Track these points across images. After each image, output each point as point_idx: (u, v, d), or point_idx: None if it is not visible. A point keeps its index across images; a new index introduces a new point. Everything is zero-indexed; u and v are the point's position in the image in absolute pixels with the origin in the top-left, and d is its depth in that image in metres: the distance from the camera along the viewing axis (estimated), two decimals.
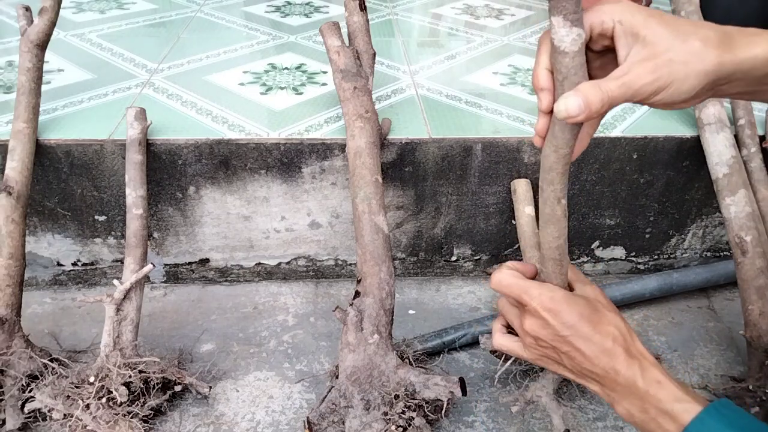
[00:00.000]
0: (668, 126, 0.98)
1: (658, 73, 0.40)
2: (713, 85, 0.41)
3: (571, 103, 0.41)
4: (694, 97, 0.41)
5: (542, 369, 0.80)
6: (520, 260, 1.08)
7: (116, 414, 0.71)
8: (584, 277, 0.56)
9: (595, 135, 0.95)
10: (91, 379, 0.73)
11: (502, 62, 1.24)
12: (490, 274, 0.63)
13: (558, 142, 0.45)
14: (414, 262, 1.07)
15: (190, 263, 1.03)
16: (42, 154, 0.90)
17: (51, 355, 0.80)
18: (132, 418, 0.72)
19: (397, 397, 0.70)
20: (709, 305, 1.04)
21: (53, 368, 0.75)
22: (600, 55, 0.44)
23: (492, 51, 1.30)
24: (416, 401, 0.70)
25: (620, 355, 0.48)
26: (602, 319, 0.50)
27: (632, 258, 1.10)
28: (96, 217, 0.97)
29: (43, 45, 0.89)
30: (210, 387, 0.81)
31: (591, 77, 0.42)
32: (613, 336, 0.49)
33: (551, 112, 0.44)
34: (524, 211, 0.94)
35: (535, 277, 0.55)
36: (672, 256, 1.10)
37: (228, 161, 0.93)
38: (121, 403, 0.72)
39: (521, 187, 0.95)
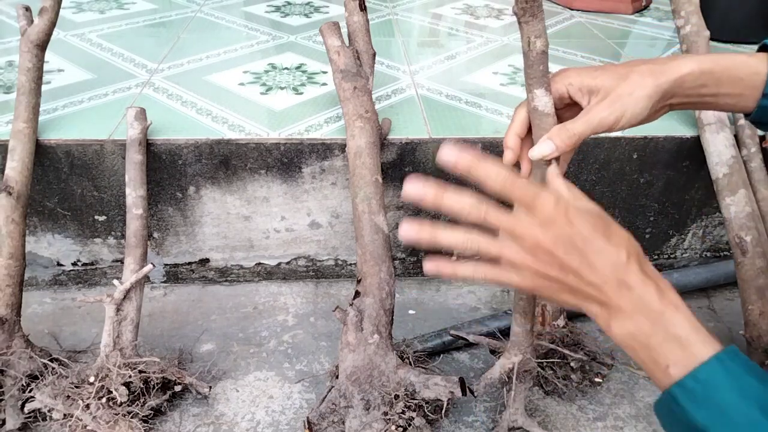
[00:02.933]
0: (668, 126, 0.98)
1: (613, 107, 0.52)
2: (659, 103, 0.53)
3: (544, 148, 0.54)
4: (649, 116, 0.54)
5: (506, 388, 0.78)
6: None
7: (116, 414, 0.71)
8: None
9: (596, 135, 0.95)
10: (91, 379, 0.73)
11: (502, 62, 1.24)
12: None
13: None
14: (414, 262, 1.07)
15: (190, 263, 1.03)
16: (42, 154, 0.90)
17: (51, 355, 0.80)
18: (132, 418, 0.72)
19: (397, 397, 0.70)
20: (709, 305, 1.04)
21: (53, 368, 0.75)
22: (567, 110, 0.58)
23: (492, 51, 1.30)
24: (416, 401, 0.70)
25: (634, 272, 0.43)
26: (615, 232, 0.45)
27: None
28: (96, 217, 0.97)
29: (43, 45, 0.89)
30: (210, 387, 0.81)
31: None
32: (627, 250, 0.44)
33: (513, 165, 0.58)
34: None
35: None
36: (672, 256, 1.10)
37: (228, 161, 0.93)
38: (121, 403, 0.72)
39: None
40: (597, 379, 0.83)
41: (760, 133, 0.95)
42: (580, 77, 0.54)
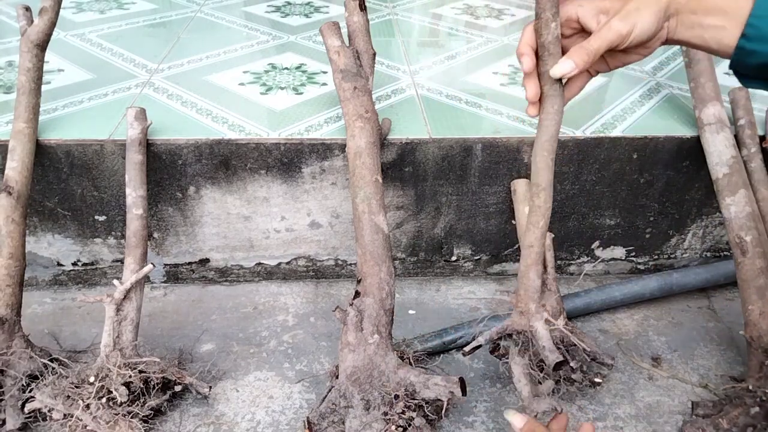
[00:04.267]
0: (668, 126, 0.98)
1: (625, 21, 0.54)
2: (662, 19, 0.55)
3: (565, 66, 0.57)
4: (655, 33, 0.55)
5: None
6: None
7: (116, 414, 0.71)
8: None
9: (595, 135, 0.95)
10: (91, 379, 0.73)
11: (502, 62, 1.24)
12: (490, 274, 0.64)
13: (550, 104, 0.62)
14: (414, 262, 1.07)
15: (190, 263, 1.03)
16: (42, 154, 0.90)
17: (51, 355, 0.80)
18: (132, 418, 0.72)
19: (397, 397, 0.69)
20: (709, 305, 1.04)
21: (53, 368, 0.75)
22: (571, 39, 0.61)
23: (492, 51, 1.30)
24: (416, 401, 0.70)
25: None
26: None
27: (632, 258, 1.10)
28: (96, 217, 0.97)
29: (43, 45, 0.89)
30: (210, 387, 0.81)
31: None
32: None
33: (532, 74, 0.61)
34: (524, 211, 0.94)
35: None
36: (672, 256, 1.10)
37: (228, 161, 0.93)
38: (121, 403, 0.72)
39: (521, 188, 0.95)
40: (597, 380, 0.83)
41: (760, 132, 0.95)
42: (591, 1, 0.58)
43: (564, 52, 0.60)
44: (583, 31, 0.59)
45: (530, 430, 0.62)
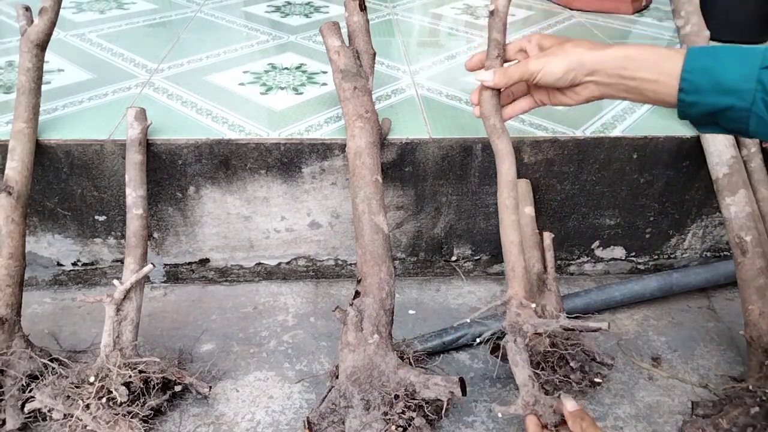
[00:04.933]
0: (668, 126, 0.98)
1: (538, 61, 0.64)
2: (578, 73, 0.62)
3: (485, 75, 0.70)
4: (562, 79, 0.63)
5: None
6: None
7: (116, 414, 0.71)
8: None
9: (595, 135, 0.95)
10: (91, 379, 0.73)
11: None
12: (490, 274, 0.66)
13: (484, 108, 0.73)
14: (414, 262, 1.07)
15: (190, 263, 1.03)
16: (42, 154, 0.90)
17: (51, 355, 0.80)
18: (132, 418, 0.72)
19: (397, 397, 0.69)
20: (709, 305, 1.04)
21: (53, 368, 0.75)
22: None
23: None
24: (416, 401, 0.70)
25: None
26: None
27: (632, 258, 1.10)
28: (96, 217, 0.97)
29: (43, 45, 0.89)
30: (210, 387, 0.81)
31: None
32: None
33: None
34: (524, 211, 0.94)
35: None
36: (672, 256, 1.10)
37: (228, 161, 0.93)
38: (121, 403, 0.72)
39: (521, 188, 0.95)
40: (597, 380, 0.82)
41: None
42: (540, 38, 0.68)
43: None
44: None
45: (579, 415, 0.65)
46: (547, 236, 0.91)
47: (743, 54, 0.53)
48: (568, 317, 0.86)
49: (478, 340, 0.77)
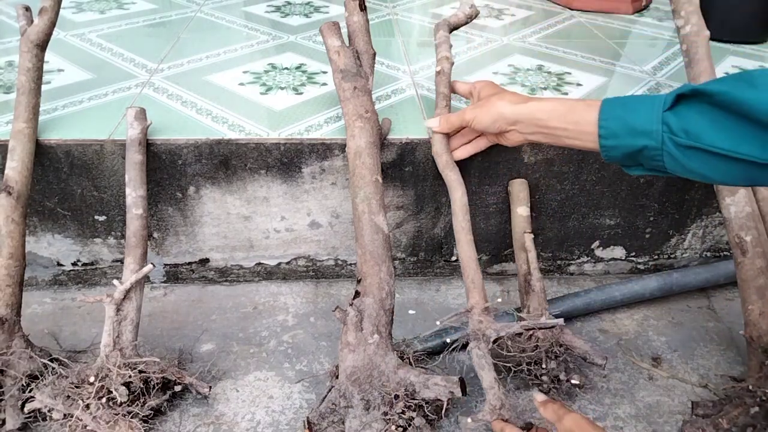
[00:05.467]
0: None
1: (473, 111, 0.76)
2: (504, 123, 0.72)
3: (433, 122, 0.85)
4: (489, 128, 0.75)
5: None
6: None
7: (116, 414, 0.71)
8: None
9: None
10: (91, 379, 0.73)
11: (502, 62, 1.24)
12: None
13: (435, 147, 0.87)
14: (414, 262, 1.07)
15: (190, 263, 1.03)
16: (42, 154, 0.90)
17: (51, 355, 0.80)
18: (132, 418, 0.72)
19: (397, 397, 0.70)
20: (709, 305, 1.04)
21: (53, 368, 0.75)
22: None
23: (492, 51, 1.30)
24: (416, 401, 0.70)
25: None
26: None
27: (632, 258, 1.10)
28: (96, 217, 0.97)
29: (43, 45, 0.89)
30: (210, 387, 0.81)
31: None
32: None
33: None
34: (517, 212, 0.94)
35: None
36: (672, 256, 1.10)
37: (228, 161, 0.93)
38: (121, 403, 0.72)
39: (516, 188, 0.95)
40: (574, 381, 0.82)
41: None
42: (482, 87, 0.81)
43: None
44: None
45: (548, 402, 0.69)
46: (528, 237, 0.91)
47: (650, 100, 0.58)
48: (568, 318, 0.87)
49: (448, 341, 0.82)
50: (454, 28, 1.01)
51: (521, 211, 0.92)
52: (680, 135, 0.55)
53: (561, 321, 0.78)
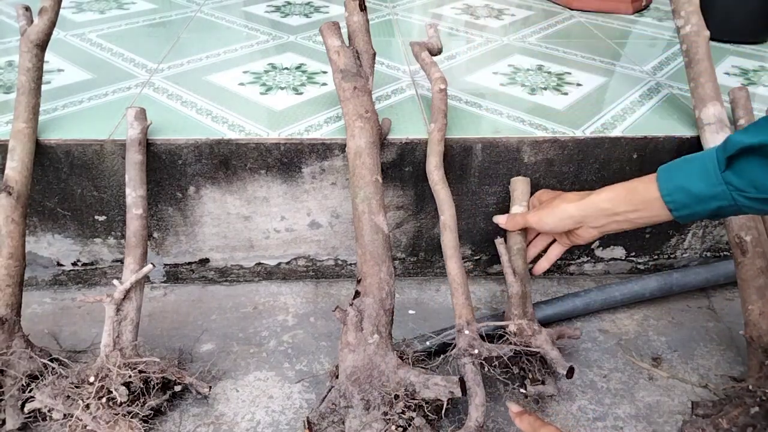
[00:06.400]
0: (668, 126, 0.98)
1: (537, 215, 0.80)
2: (572, 223, 0.75)
3: (500, 219, 0.89)
4: (556, 228, 0.78)
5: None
6: None
7: (116, 414, 0.71)
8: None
9: (595, 135, 0.95)
10: (91, 379, 0.73)
11: (502, 62, 1.24)
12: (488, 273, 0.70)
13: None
14: (414, 262, 1.07)
15: (190, 263, 1.03)
16: (42, 154, 0.90)
17: (51, 355, 0.80)
18: (132, 418, 0.72)
19: (397, 397, 0.70)
20: (709, 305, 1.04)
21: (53, 368, 0.75)
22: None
23: (492, 51, 1.30)
24: (416, 401, 0.70)
25: None
26: None
27: (632, 258, 1.10)
28: (96, 217, 0.97)
29: (43, 45, 0.89)
30: (210, 387, 0.81)
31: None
32: None
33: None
34: (512, 211, 0.93)
35: None
36: (672, 256, 1.10)
37: (228, 161, 0.93)
38: (121, 403, 0.72)
39: (515, 185, 0.94)
40: (522, 390, 0.81)
41: None
42: (541, 193, 0.87)
43: None
44: None
45: (522, 413, 0.70)
46: (498, 243, 0.89)
47: (701, 163, 0.60)
48: (569, 318, 0.86)
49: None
50: (432, 53, 1.03)
51: (516, 209, 0.92)
52: (749, 191, 0.57)
53: (563, 371, 0.77)
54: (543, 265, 0.87)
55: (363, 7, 0.95)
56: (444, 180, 0.88)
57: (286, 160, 0.93)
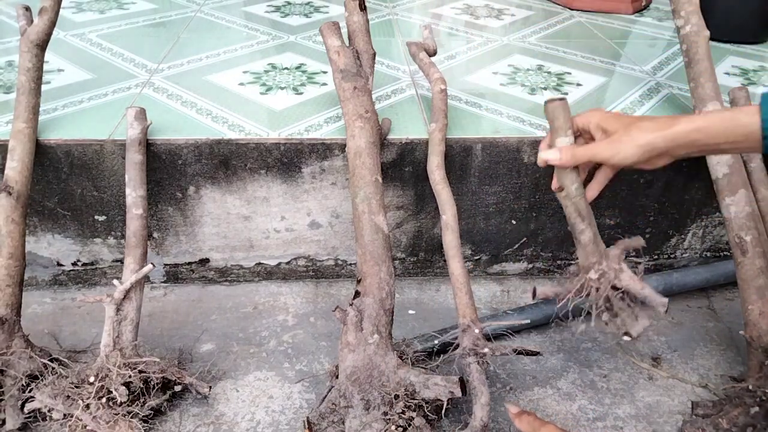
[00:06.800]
0: None
1: (610, 146, 0.65)
2: (653, 153, 0.65)
3: (551, 154, 0.68)
4: (645, 162, 0.65)
5: None
6: (520, 254, 1.09)
7: (116, 414, 0.71)
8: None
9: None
10: (91, 379, 0.73)
11: (502, 62, 1.24)
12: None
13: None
14: (414, 262, 1.07)
15: (190, 263, 1.03)
16: (42, 154, 0.90)
17: (51, 355, 0.80)
18: (132, 418, 0.72)
19: (397, 397, 0.69)
20: (709, 305, 1.04)
21: (53, 368, 0.75)
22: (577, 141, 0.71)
23: (492, 51, 1.30)
24: (416, 401, 0.70)
25: None
26: None
27: (632, 258, 1.09)
28: (96, 217, 0.97)
29: (43, 45, 0.89)
30: (210, 387, 0.81)
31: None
32: None
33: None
34: (559, 143, 0.70)
35: None
36: (672, 256, 1.10)
37: (228, 161, 0.93)
38: (121, 403, 0.72)
39: (559, 113, 0.69)
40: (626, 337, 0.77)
41: None
42: (599, 117, 0.68)
43: None
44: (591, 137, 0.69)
45: (521, 413, 0.69)
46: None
47: None
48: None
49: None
50: (429, 54, 1.03)
51: (562, 141, 0.69)
52: None
53: (635, 287, 0.73)
54: (594, 189, 0.75)
55: (363, 7, 0.95)
56: (445, 180, 0.88)
57: (286, 160, 0.93)
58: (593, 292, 0.73)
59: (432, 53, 1.04)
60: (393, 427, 0.68)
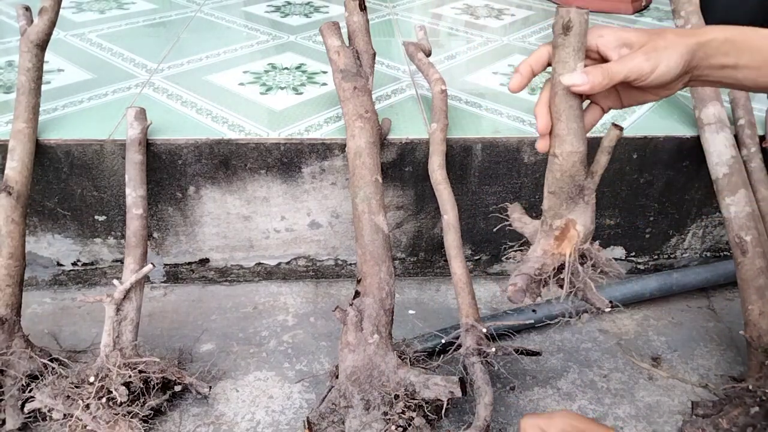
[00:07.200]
0: (668, 126, 0.98)
1: (649, 55, 0.52)
2: (688, 63, 0.53)
3: (577, 78, 0.52)
4: (677, 75, 0.53)
5: None
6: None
7: (116, 414, 0.71)
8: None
9: (595, 135, 0.95)
10: (91, 379, 0.73)
11: (502, 62, 1.24)
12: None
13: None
14: (414, 262, 1.07)
15: (190, 263, 1.03)
16: (42, 154, 0.90)
17: (51, 355, 0.80)
18: (132, 418, 0.72)
19: (397, 397, 0.70)
20: (709, 305, 1.04)
21: (53, 368, 0.75)
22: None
23: (492, 51, 1.30)
24: (416, 401, 0.70)
25: None
26: None
27: (632, 258, 1.10)
28: (96, 217, 0.97)
29: (43, 45, 0.89)
30: (210, 387, 0.81)
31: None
32: None
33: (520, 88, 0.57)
34: (571, 66, 0.54)
35: None
36: (672, 256, 1.10)
37: (228, 161, 0.93)
38: (121, 403, 0.72)
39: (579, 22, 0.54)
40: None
41: (760, 132, 0.95)
42: (614, 32, 0.54)
43: None
44: (603, 63, 0.55)
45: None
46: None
47: None
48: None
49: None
50: (425, 54, 1.04)
51: (572, 66, 0.54)
52: None
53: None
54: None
55: (363, 7, 0.95)
56: (446, 180, 0.88)
57: (286, 160, 0.93)
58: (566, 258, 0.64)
59: (427, 54, 1.04)
60: (393, 427, 0.68)
